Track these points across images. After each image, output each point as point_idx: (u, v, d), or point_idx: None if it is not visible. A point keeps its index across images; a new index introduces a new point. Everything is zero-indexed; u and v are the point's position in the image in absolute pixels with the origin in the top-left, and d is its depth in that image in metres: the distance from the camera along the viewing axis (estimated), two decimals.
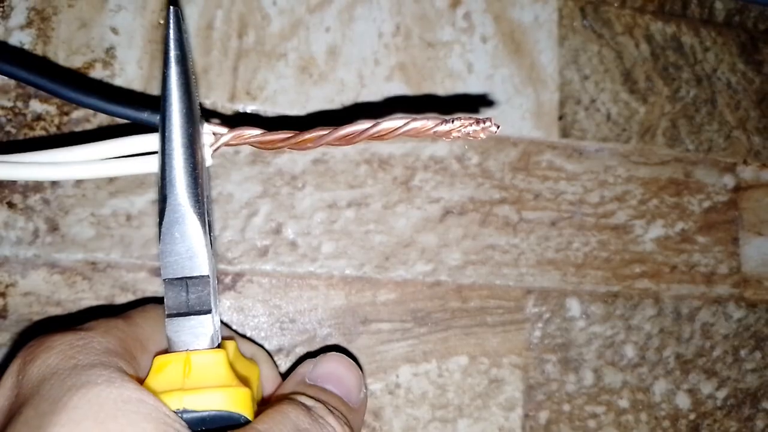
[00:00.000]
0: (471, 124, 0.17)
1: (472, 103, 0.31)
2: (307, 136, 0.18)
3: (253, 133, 0.19)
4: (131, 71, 0.28)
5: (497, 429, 0.30)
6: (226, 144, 0.20)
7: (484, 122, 0.17)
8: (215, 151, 0.20)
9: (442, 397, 0.29)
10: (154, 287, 0.27)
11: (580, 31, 0.34)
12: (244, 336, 0.27)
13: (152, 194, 0.28)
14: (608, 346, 0.32)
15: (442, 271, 0.30)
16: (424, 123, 0.17)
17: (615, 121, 0.33)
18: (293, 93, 0.30)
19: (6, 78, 0.27)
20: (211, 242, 0.19)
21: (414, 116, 0.17)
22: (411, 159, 0.30)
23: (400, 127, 0.17)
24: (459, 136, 0.17)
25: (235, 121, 0.29)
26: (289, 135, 0.19)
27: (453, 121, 0.17)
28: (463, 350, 0.30)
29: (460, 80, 0.32)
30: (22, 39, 0.28)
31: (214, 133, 0.20)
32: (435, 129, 0.17)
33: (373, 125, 0.17)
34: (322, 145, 0.18)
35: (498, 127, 0.17)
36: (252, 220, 0.28)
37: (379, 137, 0.17)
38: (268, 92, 0.29)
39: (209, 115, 0.29)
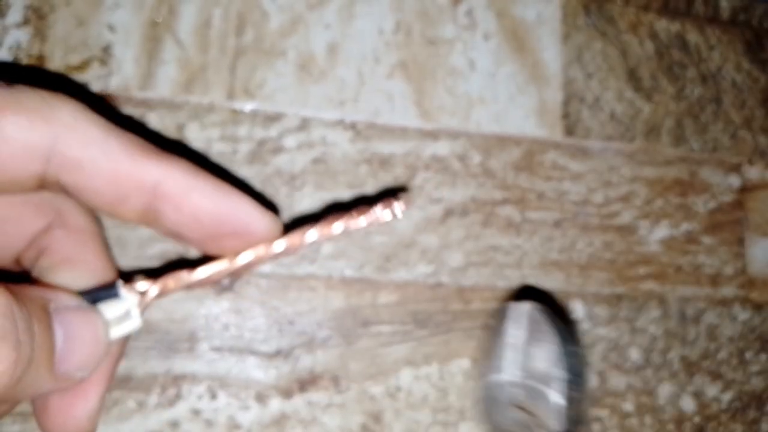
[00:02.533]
0: (378, 209, 0.18)
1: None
2: (240, 263, 0.17)
3: (184, 276, 0.17)
4: (128, 69, 0.28)
5: None
6: (158, 297, 0.17)
7: (390, 204, 0.18)
8: (144, 310, 0.17)
9: (444, 400, 0.29)
10: None
11: (584, 28, 0.33)
12: None
13: None
14: (612, 348, 0.31)
15: (444, 273, 0.30)
16: (330, 228, 0.18)
17: (619, 120, 0.33)
18: (292, 91, 0.29)
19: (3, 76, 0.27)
20: None
21: (322, 222, 0.18)
22: (412, 158, 0.30)
23: (310, 238, 0.18)
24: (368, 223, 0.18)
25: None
26: (225, 266, 0.17)
27: (360, 214, 0.18)
28: (464, 353, 0.30)
29: (461, 78, 0.31)
30: (18, 37, 0.27)
31: (140, 293, 0.17)
32: (346, 227, 0.18)
33: (294, 242, 0.18)
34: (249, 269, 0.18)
35: (402, 211, 0.19)
36: None
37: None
38: (267, 90, 0.29)
39: (207, 114, 0.29)
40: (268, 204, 0.28)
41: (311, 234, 0.18)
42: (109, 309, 0.16)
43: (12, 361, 0.13)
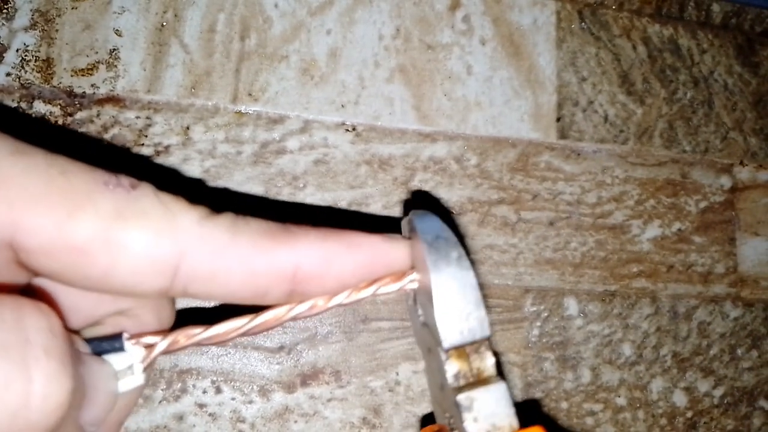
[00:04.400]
0: (390, 282, 0.17)
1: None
2: (256, 323, 0.16)
3: (196, 333, 0.16)
4: (134, 73, 0.28)
5: None
6: (166, 352, 0.16)
7: (403, 278, 0.17)
8: (147, 366, 0.16)
9: None
10: None
11: (578, 33, 0.34)
12: None
13: None
14: (606, 344, 0.32)
15: None
16: (346, 295, 0.16)
17: (612, 123, 0.34)
18: (295, 94, 0.30)
19: (10, 78, 0.27)
20: None
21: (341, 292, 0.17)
22: (411, 160, 0.31)
23: (335, 302, 0.16)
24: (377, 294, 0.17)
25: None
26: (240, 326, 0.16)
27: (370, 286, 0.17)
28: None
29: (459, 82, 0.32)
30: (26, 40, 0.28)
31: (145, 346, 0.16)
32: (359, 297, 0.17)
33: (297, 309, 0.16)
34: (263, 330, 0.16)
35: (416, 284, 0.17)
36: None
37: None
38: (270, 94, 0.30)
39: (212, 116, 0.29)
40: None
41: (332, 300, 0.16)
42: (112, 362, 0.15)
43: (67, 391, 0.12)
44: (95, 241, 0.13)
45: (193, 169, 0.28)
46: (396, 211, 0.30)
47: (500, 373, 0.17)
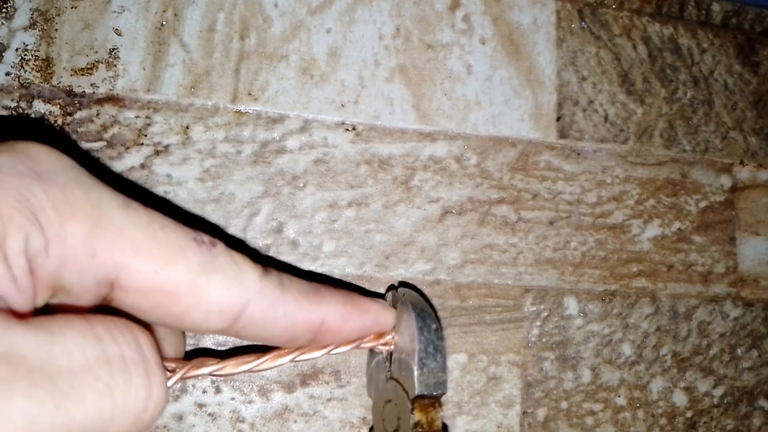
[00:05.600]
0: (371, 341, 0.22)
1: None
2: (261, 364, 0.20)
3: (210, 363, 0.19)
4: (134, 72, 0.28)
5: (495, 426, 0.30)
6: (180, 379, 0.19)
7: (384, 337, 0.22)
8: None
9: None
10: None
11: (578, 33, 0.34)
12: None
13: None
14: (606, 344, 0.32)
15: (441, 270, 0.30)
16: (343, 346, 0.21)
17: (612, 122, 0.34)
18: (294, 94, 0.30)
19: (9, 77, 0.27)
20: None
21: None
22: (411, 159, 0.31)
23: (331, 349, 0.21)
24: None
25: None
26: (248, 365, 0.20)
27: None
28: (461, 348, 0.30)
29: (459, 82, 0.32)
30: (25, 40, 0.28)
31: (168, 370, 0.18)
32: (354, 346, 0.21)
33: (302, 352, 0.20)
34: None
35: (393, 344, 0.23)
36: (254, 220, 0.29)
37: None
38: (270, 93, 0.30)
39: (212, 116, 0.29)
40: None
41: (325, 349, 0.20)
42: None
43: (166, 396, 0.15)
44: (183, 287, 0.16)
45: (192, 169, 0.28)
46: (397, 210, 0.30)
47: (445, 428, 0.22)
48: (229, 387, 0.28)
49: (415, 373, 0.21)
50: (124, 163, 0.28)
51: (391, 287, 0.29)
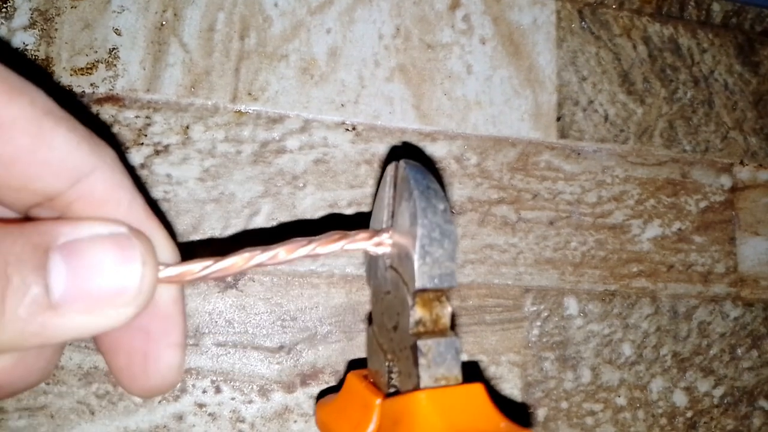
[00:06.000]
0: (366, 239, 0.18)
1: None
2: (220, 266, 0.17)
3: (201, 267, 0.17)
4: (134, 72, 0.28)
5: None
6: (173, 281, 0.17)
7: (379, 236, 0.19)
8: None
9: None
10: None
11: (579, 33, 0.34)
12: None
13: None
14: (606, 344, 0.32)
15: None
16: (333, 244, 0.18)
17: (613, 122, 0.34)
18: (294, 94, 0.30)
19: None
20: None
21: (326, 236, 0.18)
22: None
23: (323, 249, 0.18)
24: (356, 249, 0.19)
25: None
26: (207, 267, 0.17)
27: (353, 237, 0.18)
28: (461, 348, 0.30)
29: (459, 81, 0.32)
30: (25, 40, 0.28)
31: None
32: (343, 246, 0.18)
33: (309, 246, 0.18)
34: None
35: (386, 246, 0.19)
36: (253, 220, 0.29)
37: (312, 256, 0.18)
38: (270, 93, 0.30)
39: (212, 115, 0.29)
40: None
41: (308, 249, 0.18)
42: None
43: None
44: (24, 121, 0.13)
45: (192, 169, 0.28)
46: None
47: (453, 326, 0.18)
48: (229, 387, 0.28)
49: (416, 263, 0.17)
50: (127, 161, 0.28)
51: (393, 158, 0.25)
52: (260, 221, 0.29)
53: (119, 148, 0.28)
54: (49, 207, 0.15)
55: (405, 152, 0.30)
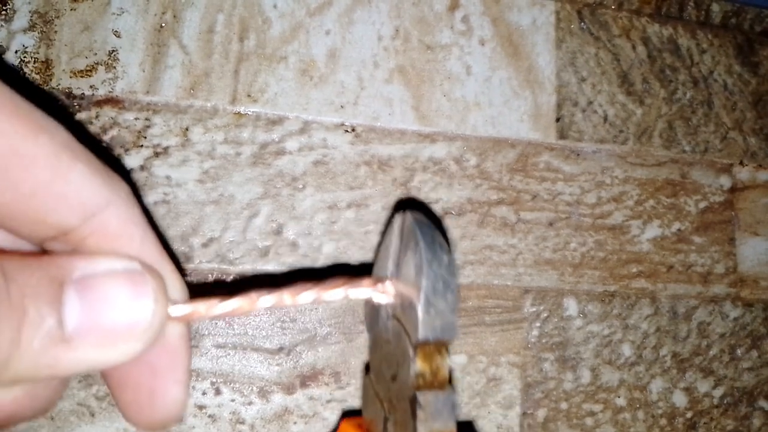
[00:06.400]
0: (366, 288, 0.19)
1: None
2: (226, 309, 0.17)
3: (216, 304, 0.17)
4: (133, 74, 0.28)
5: (495, 427, 0.30)
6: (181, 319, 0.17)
7: (380, 285, 0.19)
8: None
9: None
10: None
11: (578, 33, 0.34)
12: None
13: None
14: (605, 344, 0.32)
15: None
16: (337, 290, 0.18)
17: (612, 123, 0.34)
18: (294, 95, 0.30)
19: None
20: None
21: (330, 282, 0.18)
22: (410, 160, 0.31)
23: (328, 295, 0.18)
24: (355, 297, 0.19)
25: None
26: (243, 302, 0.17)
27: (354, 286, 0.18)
28: (461, 349, 0.30)
29: (458, 83, 0.32)
30: (24, 42, 0.28)
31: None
32: (346, 293, 0.18)
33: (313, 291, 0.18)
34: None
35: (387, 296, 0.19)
36: (253, 221, 0.29)
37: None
38: (269, 95, 0.30)
39: (211, 117, 0.29)
40: None
41: (312, 294, 0.18)
42: None
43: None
44: (44, 157, 0.14)
45: (192, 171, 0.28)
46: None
47: (450, 380, 0.18)
48: (229, 388, 0.28)
49: (420, 314, 0.17)
50: (123, 165, 0.28)
51: (399, 209, 0.26)
52: (260, 223, 0.29)
53: (132, 185, 0.28)
54: (64, 240, 0.15)
55: (411, 205, 0.30)
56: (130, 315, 0.14)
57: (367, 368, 0.22)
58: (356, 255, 0.29)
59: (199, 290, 0.27)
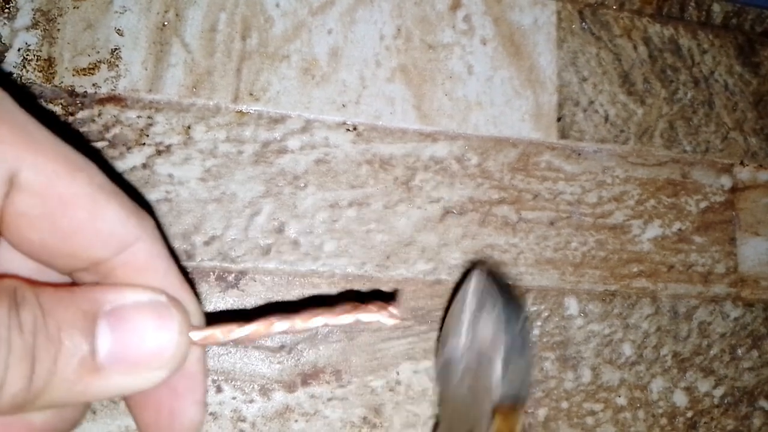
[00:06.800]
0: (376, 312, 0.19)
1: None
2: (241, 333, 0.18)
3: (234, 329, 0.17)
4: (136, 72, 0.28)
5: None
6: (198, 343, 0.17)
7: (388, 308, 0.19)
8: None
9: None
10: None
11: (579, 33, 0.34)
12: None
13: None
14: (606, 344, 0.32)
15: (442, 270, 0.30)
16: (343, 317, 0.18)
17: (613, 123, 0.34)
18: (296, 94, 0.30)
19: (11, 77, 0.27)
20: None
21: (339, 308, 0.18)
22: (412, 159, 0.31)
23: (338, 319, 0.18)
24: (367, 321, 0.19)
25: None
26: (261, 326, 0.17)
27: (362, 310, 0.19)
28: None
29: (460, 82, 0.32)
30: (27, 40, 0.28)
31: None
32: (354, 319, 0.18)
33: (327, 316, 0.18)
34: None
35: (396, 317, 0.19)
36: (255, 220, 0.29)
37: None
38: (271, 93, 0.30)
39: (214, 115, 0.29)
40: None
41: (323, 318, 0.18)
42: None
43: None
44: (82, 197, 0.15)
45: (194, 169, 0.28)
46: (398, 210, 0.30)
47: None
48: (231, 386, 0.28)
49: (499, 373, 0.18)
50: (125, 163, 0.28)
51: (473, 266, 0.26)
52: (261, 221, 0.29)
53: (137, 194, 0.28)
54: (94, 271, 0.16)
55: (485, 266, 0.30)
56: (156, 345, 0.15)
57: (436, 424, 0.22)
58: (358, 253, 0.30)
59: (201, 288, 0.27)
